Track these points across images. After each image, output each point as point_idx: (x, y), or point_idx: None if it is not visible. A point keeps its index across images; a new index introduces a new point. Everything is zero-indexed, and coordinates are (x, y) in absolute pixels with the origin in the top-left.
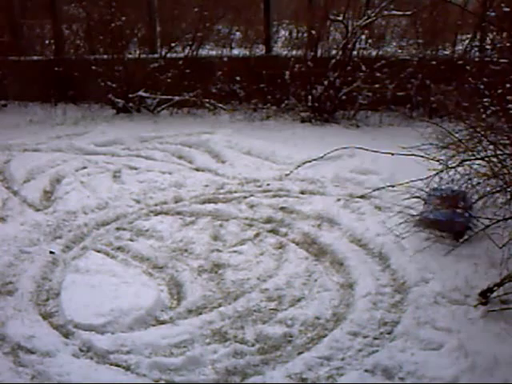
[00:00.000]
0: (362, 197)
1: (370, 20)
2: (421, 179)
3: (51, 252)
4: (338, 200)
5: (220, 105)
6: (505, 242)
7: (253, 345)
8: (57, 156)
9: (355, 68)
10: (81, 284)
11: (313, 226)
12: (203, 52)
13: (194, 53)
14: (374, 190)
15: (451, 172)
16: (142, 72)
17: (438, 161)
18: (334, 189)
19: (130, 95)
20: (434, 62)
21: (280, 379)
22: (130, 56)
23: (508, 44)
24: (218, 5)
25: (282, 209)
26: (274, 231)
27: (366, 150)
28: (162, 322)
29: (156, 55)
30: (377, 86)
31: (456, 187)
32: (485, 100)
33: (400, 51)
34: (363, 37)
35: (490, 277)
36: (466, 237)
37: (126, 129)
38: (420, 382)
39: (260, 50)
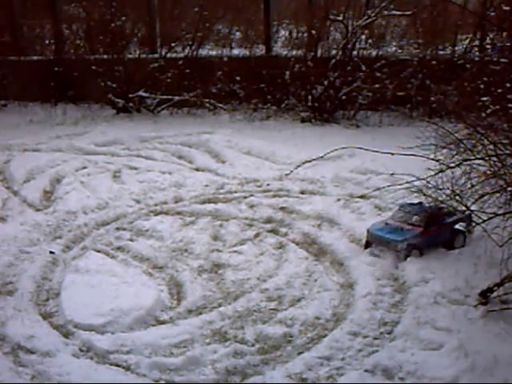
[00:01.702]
0: (362, 197)
1: (370, 20)
2: (421, 179)
3: (51, 252)
4: (338, 200)
5: (220, 105)
6: (504, 241)
7: (253, 345)
8: (57, 156)
9: (355, 68)
10: (81, 284)
11: (313, 225)
12: (203, 52)
13: (194, 53)
14: (374, 190)
15: (451, 171)
16: (142, 72)
17: (437, 161)
18: (333, 189)
19: (130, 95)
20: (434, 62)
21: (280, 379)
22: (130, 56)
23: (508, 44)
24: (218, 5)
25: (282, 209)
26: (274, 231)
27: (366, 150)
28: (162, 322)
29: (156, 55)
30: (377, 86)
31: (433, 205)
32: (485, 99)
33: (400, 51)
34: (363, 37)
35: (490, 277)
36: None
37: (125, 129)
38: (420, 382)
39: (260, 50)
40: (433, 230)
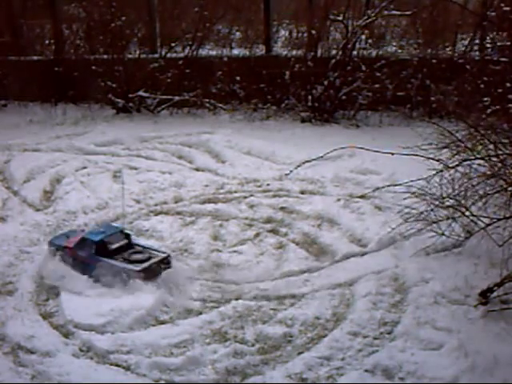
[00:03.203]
0: (362, 197)
1: (370, 20)
2: (421, 179)
3: None
4: (338, 200)
5: (220, 105)
6: (504, 241)
7: (253, 345)
8: (57, 156)
9: (355, 68)
10: None
11: (313, 225)
12: (203, 52)
13: (194, 53)
14: (374, 190)
15: (451, 172)
16: (142, 72)
17: (437, 161)
18: (333, 189)
19: (130, 95)
20: (434, 61)
21: (280, 379)
22: (130, 56)
23: (508, 43)
24: (218, 5)
25: (282, 209)
26: (274, 231)
27: (367, 150)
28: (162, 322)
29: (156, 55)
30: (377, 86)
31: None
32: (485, 99)
33: (400, 51)
34: (363, 37)
35: (490, 277)
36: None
37: (125, 129)
38: (420, 382)
39: (260, 50)
40: (80, 256)
